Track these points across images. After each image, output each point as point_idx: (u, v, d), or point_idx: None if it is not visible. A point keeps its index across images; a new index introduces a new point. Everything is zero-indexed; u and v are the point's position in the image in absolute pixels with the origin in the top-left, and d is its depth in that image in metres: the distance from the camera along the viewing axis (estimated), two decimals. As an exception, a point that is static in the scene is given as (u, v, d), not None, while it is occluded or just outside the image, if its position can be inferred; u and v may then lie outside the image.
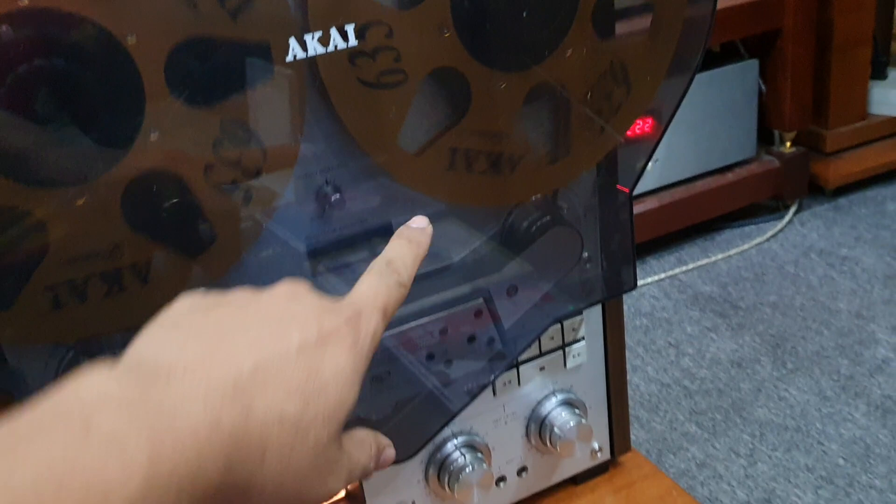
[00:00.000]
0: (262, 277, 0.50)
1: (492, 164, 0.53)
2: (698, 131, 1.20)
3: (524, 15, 0.49)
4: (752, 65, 1.23)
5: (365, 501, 0.60)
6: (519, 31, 0.50)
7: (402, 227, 0.44)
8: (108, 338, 0.47)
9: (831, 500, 0.80)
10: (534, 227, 0.56)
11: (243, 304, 0.36)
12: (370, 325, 0.37)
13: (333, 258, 0.53)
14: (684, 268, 1.21)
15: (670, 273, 1.19)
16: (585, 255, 0.59)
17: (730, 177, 1.25)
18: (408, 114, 0.49)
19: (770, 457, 0.86)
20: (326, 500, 0.35)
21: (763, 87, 1.27)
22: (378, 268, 0.40)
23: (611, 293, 0.61)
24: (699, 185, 1.24)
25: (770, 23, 1.19)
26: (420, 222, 0.45)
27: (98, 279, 0.44)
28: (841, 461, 0.84)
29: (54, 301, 0.43)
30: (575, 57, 0.52)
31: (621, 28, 0.54)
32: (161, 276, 0.45)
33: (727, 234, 1.28)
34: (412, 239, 0.43)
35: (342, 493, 0.59)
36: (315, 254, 0.52)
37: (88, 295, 0.44)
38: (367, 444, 0.39)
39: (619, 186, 0.58)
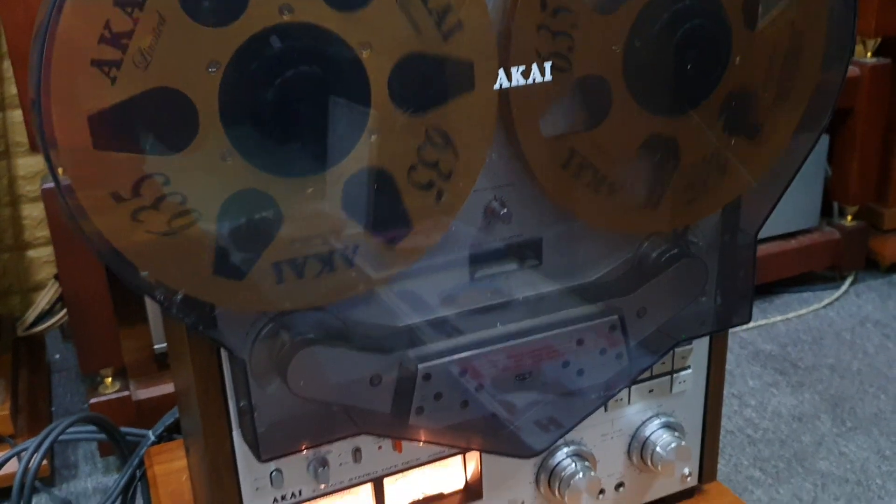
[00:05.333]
0: (433, 274, 0.57)
1: (637, 198, 0.59)
2: (768, 197, 1.26)
3: (687, 67, 0.56)
4: (823, 139, 1.30)
5: (482, 495, 0.65)
6: (681, 79, 0.56)
7: None
8: (303, 314, 0.53)
9: (892, 550, 0.84)
10: (664, 257, 0.62)
11: None
12: None
13: (490, 266, 0.59)
14: (745, 326, 1.26)
15: (732, 330, 1.24)
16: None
17: (793, 243, 1.31)
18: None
19: (832, 505, 0.90)
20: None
21: (828, 167, 1.33)
22: None
23: (724, 325, 0.66)
24: (763, 249, 1.29)
25: (845, 102, 1.26)
26: None
27: (315, 259, 0.50)
28: (901, 515, 0.88)
29: (277, 276, 0.49)
30: (713, 112, 0.58)
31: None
32: (364, 259, 0.51)
33: (786, 298, 1.34)
34: None
35: (462, 484, 0.65)
36: (476, 259, 0.58)
37: (305, 273, 0.50)
38: None
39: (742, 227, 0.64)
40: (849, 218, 1.36)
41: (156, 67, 0.43)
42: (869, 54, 1.25)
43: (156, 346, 1.02)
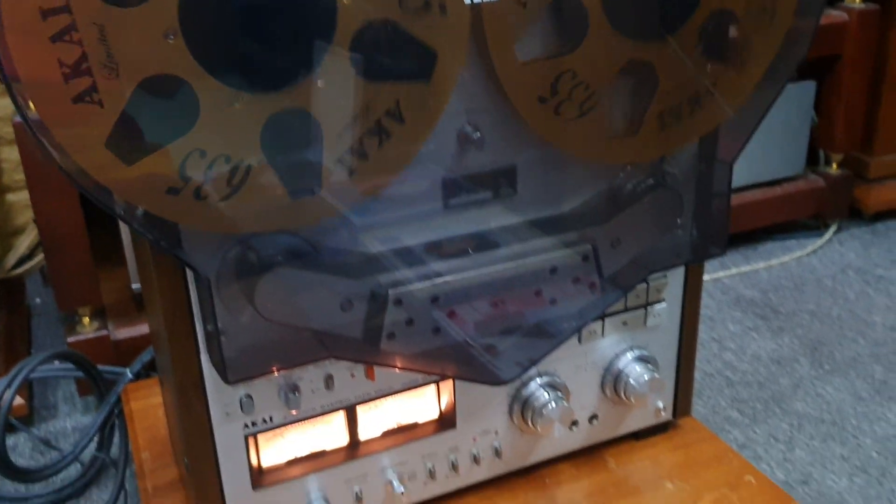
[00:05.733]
0: (406, 200, 0.56)
1: (615, 125, 0.58)
2: (752, 143, 1.25)
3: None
4: (809, 86, 1.29)
5: (456, 425, 0.65)
6: (658, 2, 0.55)
7: None
8: (272, 237, 0.52)
9: (865, 487, 0.85)
10: (640, 188, 0.62)
11: None
12: None
13: (463, 194, 0.58)
14: (727, 272, 1.26)
15: (714, 275, 1.25)
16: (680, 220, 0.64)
17: (777, 191, 1.31)
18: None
19: (807, 445, 0.91)
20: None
21: (814, 115, 1.33)
22: None
23: (699, 257, 0.66)
24: (747, 196, 1.29)
25: (831, 48, 1.25)
26: None
27: (369, 135, 0.49)
28: (874, 454, 0.89)
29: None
30: (691, 38, 0.57)
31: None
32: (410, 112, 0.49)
33: (769, 246, 1.34)
34: None
35: (436, 413, 0.65)
36: (449, 187, 0.57)
37: (367, 152, 0.49)
38: None
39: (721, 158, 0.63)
40: (834, 166, 1.35)
41: None
42: (857, 0, 1.24)
43: (134, 286, 1.01)
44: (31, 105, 0.41)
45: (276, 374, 0.56)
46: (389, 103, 0.50)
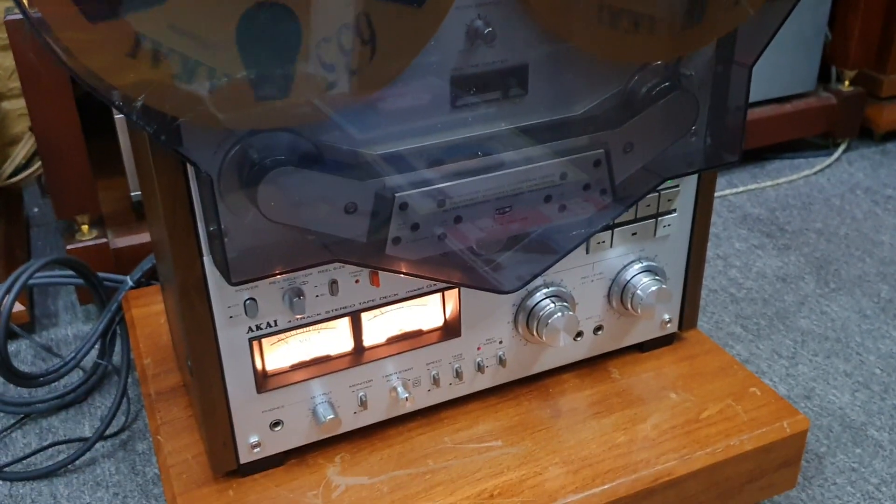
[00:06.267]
0: (412, 97, 0.54)
1: (632, 21, 0.56)
2: (763, 57, 1.22)
3: None
4: (825, 2, 1.25)
5: (461, 333, 0.64)
6: None
7: None
8: (275, 134, 0.50)
9: (867, 402, 0.85)
10: (655, 90, 0.60)
11: None
12: None
13: (472, 93, 0.56)
14: (734, 190, 1.24)
15: (721, 193, 1.23)
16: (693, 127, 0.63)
17: (788, 108, 1.28)
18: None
19: (811, 360, 0.91)
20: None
21: (828, 31, 1.29)
22: None
23: (713, 163, 0.64)
24: (757, 112, 1.27)
25: (850, -42, 1.21)
26: None
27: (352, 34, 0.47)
28: (878, 371, 0.89)
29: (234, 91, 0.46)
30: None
31: None
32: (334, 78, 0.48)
33: (777, 164, 1.32)
34: None
35: (440, 322, 0.64)
36: (457, 84, 0.55)
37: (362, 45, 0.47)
38: None
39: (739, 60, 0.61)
40: (846, 83, 1.32)
41: None
42: None
43: (133, 195, 1.00)
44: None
45: (279, 277, 0.55)
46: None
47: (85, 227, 0.96)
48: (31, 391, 0.89)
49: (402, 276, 0.58)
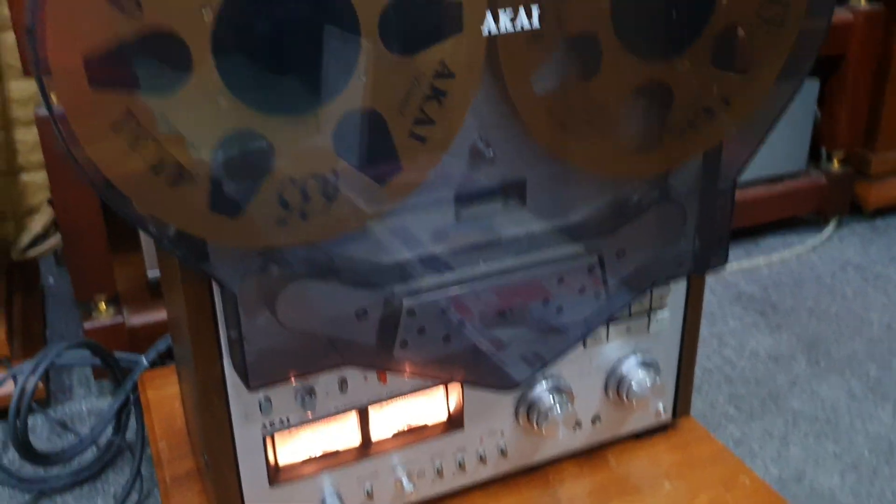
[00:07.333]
0: (420, 213, 0.58)
1: (621, 140, 0.60)
2: (757, 140, 1.27)
3: (675, 12, 0.57)
4: (813, 84, 1.30)
5: (464, 426, 0.67)
6: (669, 24, 0.57)
7: None
8: (293, 248, 0.54)
9: (856, 485, 0.88)
10: (645, 200, 0.64)
11: None
12: None
13: (474, 204, 0.60)
14: (729, 267, 1.28)
15: (717, 273, 1.27)
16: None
17: (779, 187, 1.33)
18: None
19: (802, 442, 0.94)
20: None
21: (818, 111, 1.34)
22: None
23: (701, 268, 0.68)
24: (750, 192, 1.31)
25: (836, 48, 1.26)
26: None
27: (306, 197, 0.51)
28: (866, 453, 0.92)
29: (269, 214, 0.50)
30: (702, 53, 0.59)
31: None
32: (355, 198, 0.52)
33: (770, 241, 1.36)
34: None
35: (444, 415, 0.67)
36: (461, 198, 0.59)
37: (297, 210, 0.51)
38: None
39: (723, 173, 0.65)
40: (835, 163, 1.37)
41: (150, 8, 0.43)
42: (863, 0, 1.25)
43: (149, 273, 1.04)
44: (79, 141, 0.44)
45: (294, 381, 0.59)
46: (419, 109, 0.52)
47: (102, 306, 0.99)
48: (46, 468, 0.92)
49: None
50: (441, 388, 0.66)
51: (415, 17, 0.51)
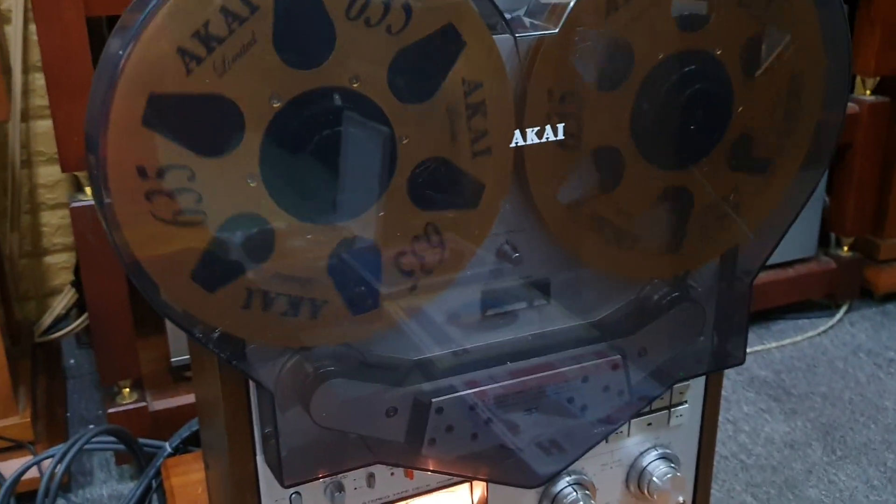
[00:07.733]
0: (448, 311, 0.60)
1: (640, 244, 0.63)
2: (767, 227, 1.30)
3: (693, 124, 0.60)
4: (821, 172, 1.33)
5: (488, 519, 0.68)
6: (688, 135, 0.60)
7: None
8: (323, 348, 0.56)
9: (876, 578, 0.88)
10: (665, 300, 0.66)
11: None
12: None
13: (500, 305, 0.62)
14: (741, 351, 1.30)
15: (728, 354, 1.28)
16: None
17: (790, 272, 1.35)
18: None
19: (820, 533, 0.94)
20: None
21: (826, 198, 1.37)
22: None
23: (719, 366, 0.70)
24: (761, 277, 1.33)
25: (844, 137, 1.30)
26: None
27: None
28: (885, 545, 0.92)
29: (238, 302, 0.52)
30: (721, 159, 0.62)
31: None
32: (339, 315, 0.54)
33: (782, 325, 1.37)
34: None
35: (469, 509, 0.68)
36: (487, 298, 0.62)
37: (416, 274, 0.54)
38: None
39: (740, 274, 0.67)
40: (845, 248, 1.40)
41: (229, 78, 0.46)
42: (868, 92, 1.29)
43: (172, 359, 1.05)
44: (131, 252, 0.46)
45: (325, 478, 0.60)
46: (440, 229, 0.55)
47: (126, 391, 1.01)
48: (68, 553, 0.93)
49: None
50: (466, 484, 0.67)
51: (443, 178, 0.54)
